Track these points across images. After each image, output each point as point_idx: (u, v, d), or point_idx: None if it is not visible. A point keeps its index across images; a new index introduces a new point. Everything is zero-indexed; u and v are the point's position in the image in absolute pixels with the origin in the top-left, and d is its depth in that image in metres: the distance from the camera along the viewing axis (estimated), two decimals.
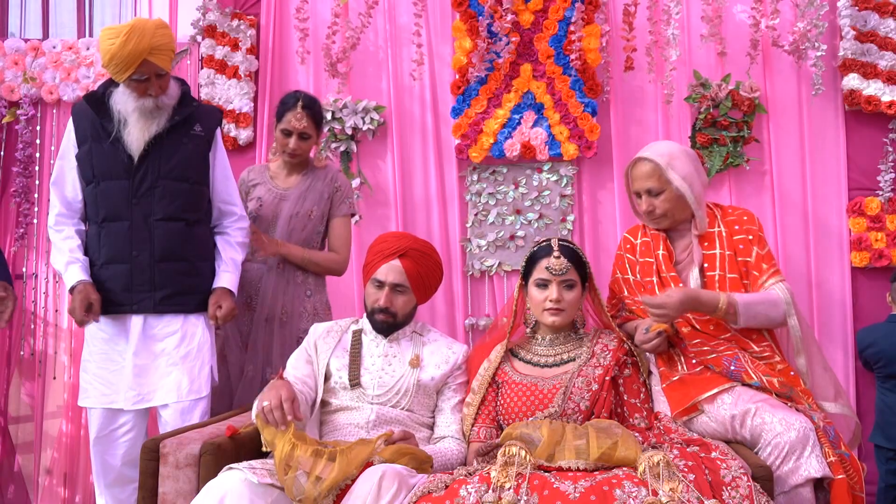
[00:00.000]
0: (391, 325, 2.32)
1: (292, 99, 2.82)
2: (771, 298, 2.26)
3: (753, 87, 3.34)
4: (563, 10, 3.39)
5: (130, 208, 2.46)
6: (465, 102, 3.46)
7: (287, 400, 1.97)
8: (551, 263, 2.23)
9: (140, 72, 2.38)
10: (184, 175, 2.50)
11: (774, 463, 1.96)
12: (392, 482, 1.77)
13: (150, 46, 2.36)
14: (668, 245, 2.41)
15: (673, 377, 2.24)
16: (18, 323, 3.52)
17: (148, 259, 2.46)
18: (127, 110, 2.44)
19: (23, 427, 3.54)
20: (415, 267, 2.31)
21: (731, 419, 2.09)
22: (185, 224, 2.50)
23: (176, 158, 2.49)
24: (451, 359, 2.34)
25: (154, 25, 2.40)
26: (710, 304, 2.23)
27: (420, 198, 3.52)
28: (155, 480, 2.02)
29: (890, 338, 3.02)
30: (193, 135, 2.53)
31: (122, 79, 2.41)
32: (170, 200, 2.47)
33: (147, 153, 2.45)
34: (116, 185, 2.47)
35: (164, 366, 2.47)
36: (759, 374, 2.14)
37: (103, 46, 2.38)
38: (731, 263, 2.33)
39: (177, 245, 2.49)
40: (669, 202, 2.36)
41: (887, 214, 3.33)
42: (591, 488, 1.69)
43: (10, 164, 3.54)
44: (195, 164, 2.54)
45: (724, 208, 2.47)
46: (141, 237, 2.46)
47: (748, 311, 2.23)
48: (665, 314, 2.21)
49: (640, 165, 2.39)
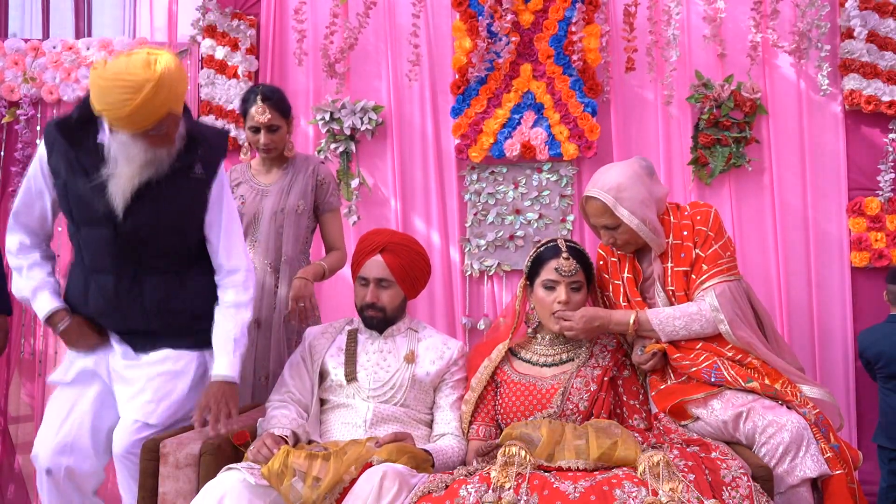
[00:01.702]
0: (382, 320, 2.33)
1: (251, 94, 2.76)
2: (688, 311, 2.21)
3: (755, 88, 3.34)
4: (564, 10, 3.39)
5: (115, 261, 2.12)
6: (464, 102, 3.46)
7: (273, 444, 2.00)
8: (561, 265, 2.22)
9: (159, 126, 1.99)
10: (179, 225, 2.15)
11: (770, 464, 1.96)
12: (393, 482, 1.78)
13: (178, 95, 2.01)
14: (634, 265, 2.37)
15: (661, 387, 2.24)
16: (18, 323, 3.52)
17: (138, 314, 2.16)
18: (131, 160, 2.03)
19: (23, 427, 3.54)
20: (396, 260, 2.32)
21: (724, 424, 2.09)
22: (178, 275, 2.19)
23: (170, 207, 2.11)
24: (447, 354, 2.34)
25: (176, 67, 1.98)
26: (622, 322, 2.24)
27: (419, 198, 3.52)
28: (155, 480, 2.02)
29: (890, 337, 3.02)
30: (193, 178, 2.15)
31: (132, 132, 2.00)
32: (161, 253, 2.15)
33: (137, 201, 2.06)
34: (98, 233, 2.11)
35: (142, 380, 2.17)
36: (741, 381, 2.12)
37: (112, 97, 1.91)
38: (676, 277, 2.28)
39: (172, 297, 2.18)
40: (627, 233, 2.29)
41: (887, 214, 3.33)
42: (591, 488, 1.69)
43: (9, 164, 3.53)
44: (193, 210, 2.18)
45: (682, 210, 2.38)
46: (129, 292, 2.14)
47: (663, 326, 2.21)
48: (569, 327, 2.21)
49: (591, 203, 2.31)
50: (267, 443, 2.00)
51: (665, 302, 2.30)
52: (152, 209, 2.09)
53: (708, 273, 2.25)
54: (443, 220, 3.49)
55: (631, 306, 2.32)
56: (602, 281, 2.45)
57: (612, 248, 2.42)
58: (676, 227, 2.33)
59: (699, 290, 2.24)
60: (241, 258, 2.24)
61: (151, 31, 3.69)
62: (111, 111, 1.94)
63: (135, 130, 1.98)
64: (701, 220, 2.31)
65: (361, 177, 3.51)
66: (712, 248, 2.28)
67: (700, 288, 2.24)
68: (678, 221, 2.34)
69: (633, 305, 2.32)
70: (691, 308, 2.22)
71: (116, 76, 1.92)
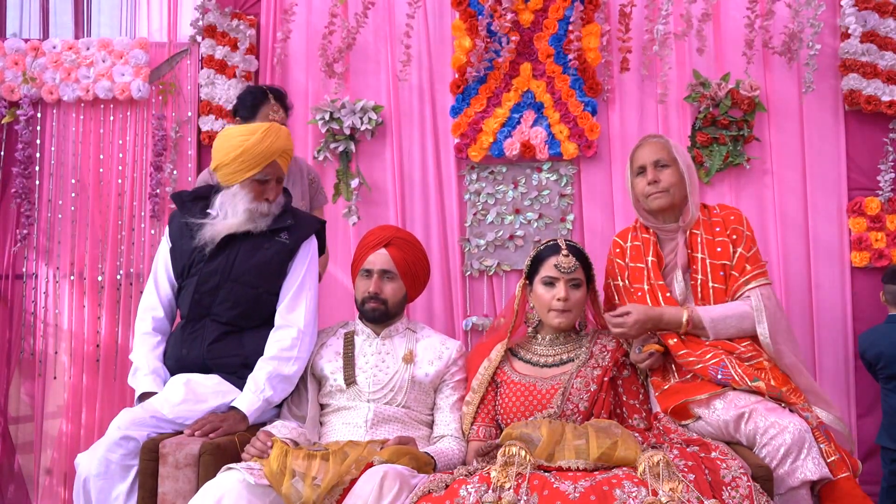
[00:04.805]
0: (383, 313, 2.32)
1: (260, 94, 2.75)
2: (739, 311, 2.25)
3: (753, 86, 3.34)
4: (563, 9, 3.39)
5: (192, 306, 2.31)
6: (464, 101, 3.46)
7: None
8: (560, 261, 2.23)
9: (266, 172, 2.28)
10: (254, 281, 2.32)
11: (770, 465, 1.95)
12: (394, 482, 1.78)
13: (283, 148, 2.30)
14: (657, 250, 2.39)
15: (664, 386, 2.24)
16: (18, 323, 3.52)
17: (197, 358, 2.29)
18: (237, 210, 2.28)
19: (23, 427, 3.54)
20: (401, 254, 2.33)
21: (725, 424, 2.09)
22: (238, 330, 2.32)
23: (248, 260, 2.31)
24: (445, 354, 2.34)
25: (287, 131, 2.36)
26: (673, 321, 2.24)
27: (419, 197, 3.51)
28: (154, 480, 2.02)
29: (889, 338, 3.02)
30: (277, 241, 2.35)
31: (243, 178, 2.27)
32: (232, 304, 2.30)
33: (221, 250, 2.30)
34: (189, 281, 2.33)
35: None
36: (748, 380, 2.12)
37: (233, 142, 2.26)
38: (713, 271, 2.31)
39: (229, 346, 2.31)
40: (674, 177, 2.37)
41: (887, 214, 3.33)
42: (591, 488, 1.69)
43: (10, 165, 3.53)
44: (270, 270, 2.33)
45: (711, 208, 2.45)
46: (192, 334, 2.31)
47: (715, 325, 2.23)
48: (622, 333, 2.23)
49: (648, 141, 2.45)
50: (260, 438, 2.01)
51: (682, 289, 2.32)
52: (232, 257, 2.30)
53: (752, 273, 2.30)
54: (442, 219, 3.49)
55: (653, 290, 2.33)
56: (615, 268, 2.45)
57: (634, 232, 2.46)
58: (706, 223, 2.37)
59: (743, 290, 2.28)
60: (300, 319, 2.33)
61: (150, 30, 3.69)
62: (228, 154, 2.26)
63: (244, 176, 2.26)
64: (735, 219, 2.38)
65: (361, 176, 3.50)
66: (752, 249, 2.35)
67: (745, 287, 2.28)
68: (707, 218, 2.40)
69: (654, 289, 2.33)
70: (741, 308, 2.25)
71: (236, 127, 2.34)
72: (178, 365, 2.31)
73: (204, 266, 2.31)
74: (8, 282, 3.52)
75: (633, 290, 2.38)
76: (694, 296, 2.32)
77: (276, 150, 2.28)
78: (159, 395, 2.21)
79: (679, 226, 2.38)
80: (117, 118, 3.57)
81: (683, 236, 2.37)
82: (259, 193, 2.30)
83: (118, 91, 3.50)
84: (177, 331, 2.37)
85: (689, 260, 2.34)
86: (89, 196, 3.54)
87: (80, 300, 3.53)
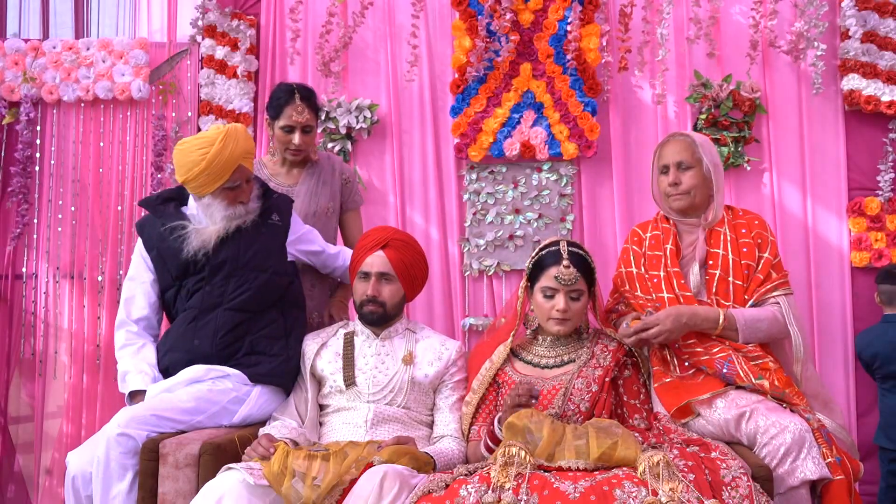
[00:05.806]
0: (381, 316, 2.31)
1: (287, 93, 2.71)
2: (770, 315, 2.26)
3: (754, 88, 3.34)
4: (563, 9, 3.39)
5: (203, 296, 2.35)
6: (464, 101, 3.46)
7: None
8: (560, 273, 2.19)
9: (234, 178, 2.30)
10: (263, 264, 2.39)
11: (770, 465, 1.95)
12: (394, 482, 1.78)
13: (245, 150, 2.31)
14: (676, 241, 2.41)
15: (665, 379, 2.24)
16: (18, 323, 3.52)
17: (210, 347, 2.32)
18: (215, 219, 2.33)
19: (23, 427, 3.54)
20: (399, 256, 2.31)
21: (725, 423, 2.09)
22: (249, 317, 2.37)
23: (255, 248, 2.38)
24: (445, 355, 2.33)
25: (244, 128, 2.37)
26: (710, 318, 2.23)
27: (418, 197, 3.51)
28: (154, 480, 2.02)
29: (884, 337, 3.03)
30: (271, 224, 2.44)
31: (212, 189, 2.30)
32: (245, 290, 2.35)
33: (223, 243, 2.34)
34: (193, 278, 2.37)
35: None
36: (752, 377, 2.13)
37: (192, 157, 2.26)
38: (735, 268, 2.32)
39: (240, 333, 2.35)
40: (696, 179, 2.37)
41: (887, 214, 3.33)
42: (591, 488, 1.69)
43: (9, 165, 3.53)
44: (273, 251, 2.43)
45: (735, 210, 2.47)
46: (205, 325, 2.34)
47: (749, 327, 2.23)
48: (657, 333, 2.20)
49: (674, 139, 2.45)
50: (262, 442, 2.01)
51: (697, 282, 2.32)
52: (237, 246, 2.36)
53: (778, 281, 2.32)
54: (442, 219, 3.49)
55: (668, 277, 2.34)
56: (631, 256, 2.45)
57: (655, 223, 2.47)
58: (731, 224, 2.39)
59: (769, 296, 2.30)
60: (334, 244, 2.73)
61: (150, 31, 3.69)
62: (191, 170, 2.26)
63: (213, 186, 2.29)
64: (759, 224, 2.40)
65: (358, 176, 3.50)
66: (777, 257, 2.37)
67: (771, 294, 2.30)
68: (732, 220, 2.41)
69: (670, 276, 2.34)
70: (771, 312, 2.27)
71: (192, 140, 2.32)
72: (189, 357, 2.31)
73: (211, 259, 2.34)
74: (8, 282, 3.53)
75: (649, 276, 2.38)
76: (707, 290, 2.32)
77: (238, 154, 2.29)
78: (164, 396, 2.22)
79: (700, 222, 2.40)
80: (117, 118, 3.57)
81: (703, 233, 2.38)
82: (232, 199, 2.34)
83: (118, 91, 3.50)
84: (181, 325, 2.37)
85: (706, 255, 2.35)
86: (89, 196, 3.54)
87: (80, 300, 3.53)
